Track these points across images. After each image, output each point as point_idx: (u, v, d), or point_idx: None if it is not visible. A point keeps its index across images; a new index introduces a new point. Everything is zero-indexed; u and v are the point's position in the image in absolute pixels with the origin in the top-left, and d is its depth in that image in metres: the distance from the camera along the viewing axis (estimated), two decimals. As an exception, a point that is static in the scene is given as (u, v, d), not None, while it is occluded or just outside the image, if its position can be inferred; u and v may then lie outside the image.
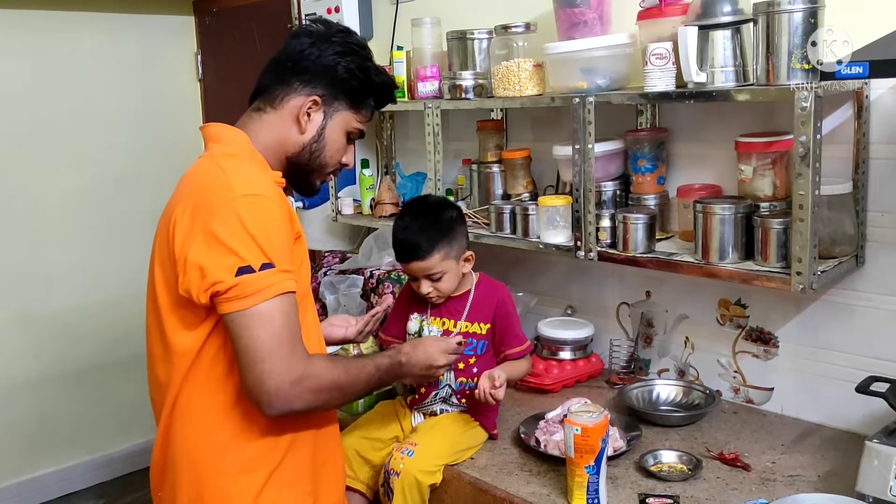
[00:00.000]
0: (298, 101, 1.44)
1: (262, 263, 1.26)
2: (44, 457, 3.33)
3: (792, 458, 1.73)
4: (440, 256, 1.82)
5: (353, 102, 1.48)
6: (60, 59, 3.26)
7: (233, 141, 1.41)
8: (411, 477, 1.69)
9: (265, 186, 1.33)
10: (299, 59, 1.44)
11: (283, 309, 1.28)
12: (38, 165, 3.22)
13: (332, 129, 1.47)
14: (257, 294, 1.25)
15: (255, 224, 1.26)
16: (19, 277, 3.22)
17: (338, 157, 1.51)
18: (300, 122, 1.44)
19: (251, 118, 1.46)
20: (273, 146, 1.44)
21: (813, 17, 1.57)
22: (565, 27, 1.98)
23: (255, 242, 1.25)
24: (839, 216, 1.72)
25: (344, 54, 1.45)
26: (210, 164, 1.36)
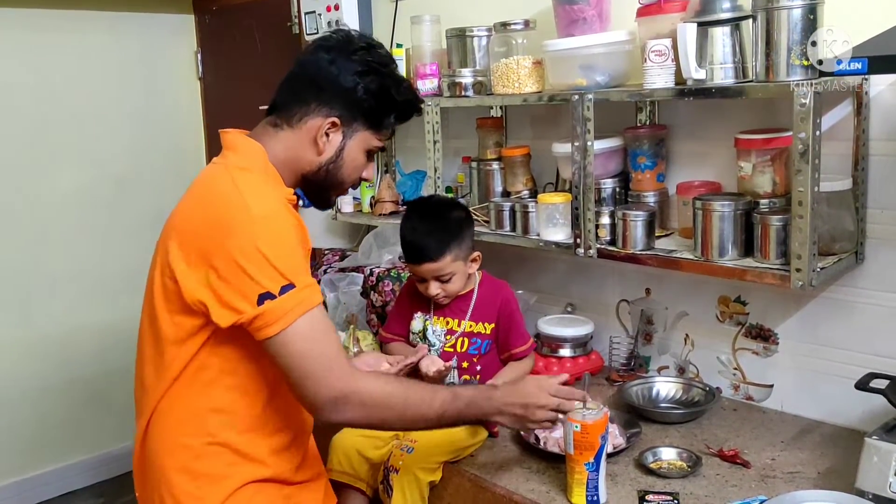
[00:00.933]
0: (316, 122, 1.40)
1: (282, 287, 1.26)
2: (44, 456, 3.33)
3: (791, 454, 1.73)
4: (451, 258, 1.82)
5: (373, 123, 1.45)
6: (60, 57, 3.25)
7: (248, 153, 1.39)
8: (411, 474, 1.69)
9: (279, 205, 1.32)
10: (317, 77, 1.41)
11: (313, 327, 1.28)
12: (37, 165, 3.22)
13: (350, 150, 1.44)
14: (282, 320, 1.25)
15: (271, 247, 1.26)
16: (20, 277, 3.22)
17: (356, 175, 1.49)
18: (318, 143, 1.41)
19: (267, 132, 1.43)
20: (288, 163, 1.42)
21: (812, 14, 1.57)
22: (564, 24, 1.98)
23: (273, 266, 1.25)
24: (839, 213, 1.71)
25: (364, 74, 1.40)
26: (223, 176, 1.35)
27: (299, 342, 1.27)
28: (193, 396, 1.36)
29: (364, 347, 2.30)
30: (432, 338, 1.90)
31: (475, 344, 1.88)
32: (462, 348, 1.89)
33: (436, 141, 2.29)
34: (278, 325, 1.25)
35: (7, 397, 3.22)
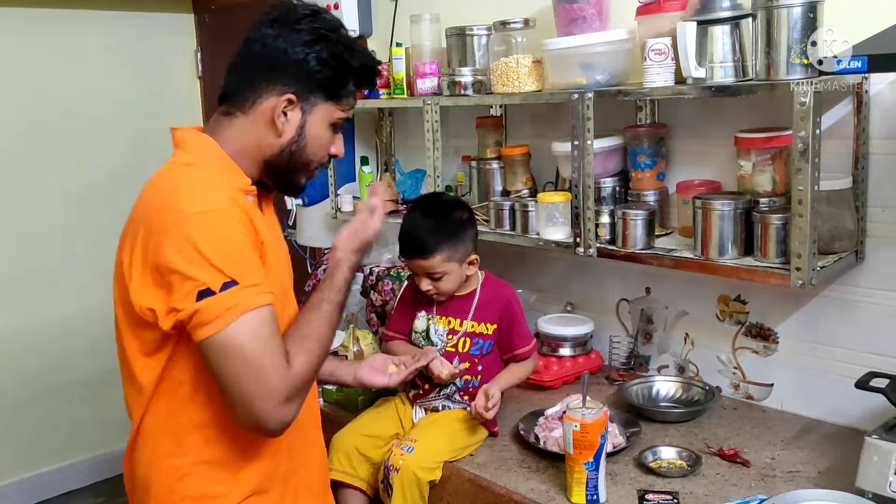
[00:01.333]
0: (271, 102, 1.31)
1: (224, 283, 1.17)
2: (44, 455, 3.34)
3: (791, 454, 1.73)
4: (442, 258, 1.82)
5: (332, 93, 1.35)
6: (59, 57, 3.25)
7: (197, 148, 1.32)
8: (410, 473, 1.69)
9: (218, 200, 1.23)
10: (264, 55, 1.31)
11: (256, 327, 1.19)
12: (36, 163, 3.22)
13: (312, 126, 1.35)
14: (222, 317, 1.16)
15: (208, 243, 1.18)
16: (20, 276, 3.23)
17: (322, 152, 1.39)
18: (276, 124, 1.32)
19: (220, 123, 1.34)
20: (248, 151, 1.33)
21: (812, 13, 1.57)
22: (564, 23, 1.98)
23: (210, 263, 1.17)
24: (839, 212, 1.71)
25: (313, 43, 1.30)
26: (167, 177, 1.29)
27: (240, 341, 1.17)
28: (174, 415, 1.29)
29: (363, 347, 2.30)
30: (435, 337, 1.90)
31: (477, 344, 1.88)
32: (464, 349, 1.89)
33: (435, 140, 2.29)
34: (217, 322, 1.16)
35: (6, 396, 3.22)
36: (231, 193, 1.26)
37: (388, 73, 2.47)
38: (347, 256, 1.41)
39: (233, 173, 1.31)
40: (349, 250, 1.41)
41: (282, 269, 1.38)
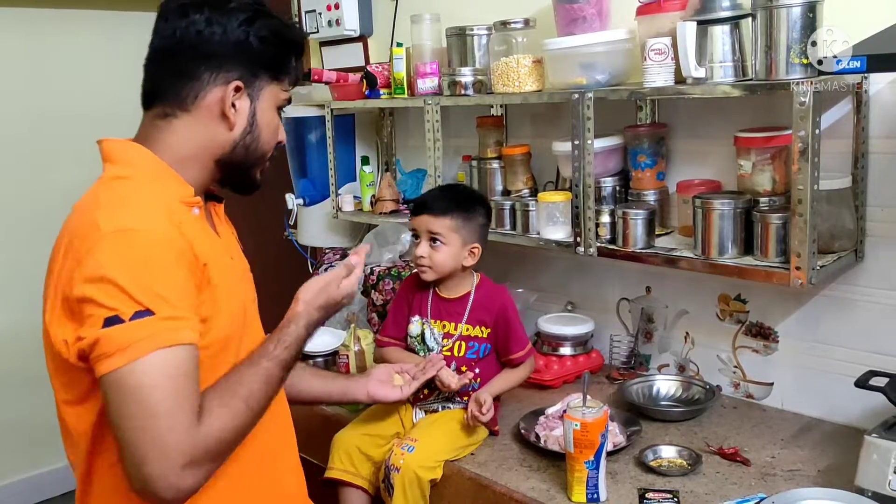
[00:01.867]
0: (217, 93, 1.18)
1: (136, 311, 1.00)
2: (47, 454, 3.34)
3: (791, 452, 1.73)
4: (449, 222, 1.84)
5: (275, 73, 1.24)
6: (59, 57, 3.26)
7: (126, 159, 1.17)
8: (411, 472, 1.69)
9: (142, 216, 1.07)
10: (199, 43, 1.17)
11: (165, 369, 1.01)
12: (38, 164, 3.23)
13: (263, 112, 1.24)
14: (127, 350, 0.99)
15: (122, 265, 1.02)
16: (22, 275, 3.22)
17: (274, 141, 1.28)
18: (227, 116, 1.19)
19: (157, 127, 1.20)
20: (194, 154, 1.20)
21: (812, 13, 1.57)
22: (564, 23, 1.98)
23: (122, 288, 1.00)
24: (838, 211, 1.72)
25: (250, 21, 1.19)
26: (90, 194, 1.15)
27: (143, 382, 0.99)
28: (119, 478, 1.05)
29: (364, 346, 2.31)
30: (430, 341, 1.90)
31: (472, 348, 1.89)
32: (459, 352, 1.89)
33: (436, 140, 2.29)
34: (120, 356, 0.99)
35: (10, 395, 3.22)
36: (166, 208, 1.12)
37: (388, 72, 2.47)
38: (307, 311, 1.26)
39: (171, 183, 1.17)
40: (312, 306, 1.27)
41: (235, 291, 1.22)
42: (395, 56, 2.43)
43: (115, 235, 1.04)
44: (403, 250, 2.53)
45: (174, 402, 1.01)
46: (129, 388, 0.99)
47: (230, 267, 1.23)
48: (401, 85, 2.43)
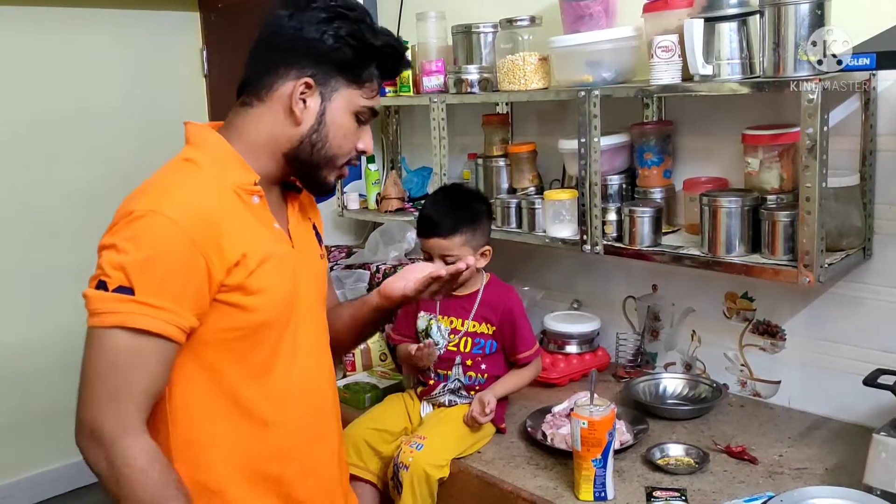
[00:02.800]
0: (287, 87, 1.22)
1: (119, 285, 1.08)
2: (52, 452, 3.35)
3: (799, 451, 1.73)
4: (461, 240, 1.83)
5: (353, 76, 1.24)
6: (66, 55, 3.26)
7: (198, 141, 1.24)
8: (420, 470, 1.69)
9: (178, 202, 1.13)
10: (279, 38, 1.23)
11: (117, 349, 1.09)
12: (43, 162, 3.23)
13: (333, 114, 1.24)
14: (96, 316, 1.09)
15: (134, 243, 1.09)
16: (28, 273, 3.24)
17: (348, 145, 1.28)
18: (294, 111, 1.22)
19: (236, 113, 1.27)
20: (263, 144, 1.24)
21: (819, 9, 1.57)
22: (570, 20, 1.98)
23: (121, 262, 1.08)
24: (846, 208, 1.71)
25: (329, 20, 1.21)
26: (159, 171, 1.23)
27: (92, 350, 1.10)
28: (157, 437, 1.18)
29: (369, 344, 2.31)
30: (436, 336, 1.91)
31: (479, 344, 1.89)
32: (466, 348, 1.90)
33: (441, 138, 2.29)
34: (91, 319, 1.09)
35: (15, 393, 3.23)
36: (220, 195, 1.18)
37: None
38: None
39: (235, 170, 1.22)
40: None
41: (283, 279, 1.25)
42: (401, 54, 2.43)
43: (139, 214, 1.10)
44: (409, 248, 2.53)
45: (101, 382, 1.10)
46: (87, 346, 1.10)
47: (285, 254, 1.25)
48: (406, 83, 2.43)
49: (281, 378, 1.26)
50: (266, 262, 1.20)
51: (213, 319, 1.17)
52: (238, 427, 1.23)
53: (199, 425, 1.21)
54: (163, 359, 1.13)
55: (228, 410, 1.22)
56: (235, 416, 1.23)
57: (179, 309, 1.11)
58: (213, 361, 1.20)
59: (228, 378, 1.21)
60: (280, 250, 1.25)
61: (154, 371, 1.12)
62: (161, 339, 1.11)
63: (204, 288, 1.14)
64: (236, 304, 1.18)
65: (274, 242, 1.24)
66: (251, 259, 1.18)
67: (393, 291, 1.46)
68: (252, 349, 1.22)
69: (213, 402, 1.21)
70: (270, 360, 1.24)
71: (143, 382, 1.12)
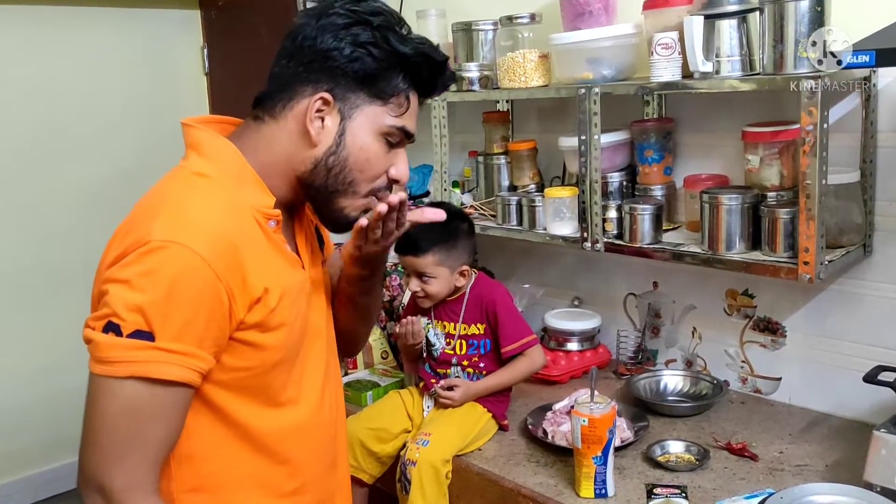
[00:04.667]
0: (303, 104, 1.08)
1: (136, 329, 0.94)
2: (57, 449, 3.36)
3: (800, 447, 1.73)
4: (433, 260, 1.84)
5: (376, 90, 1.08)
6: (67, 54, 3.26)
7: (213, 155, 1.09)
8: (428, 465, 1.70)
9: (199, 232, 0.99)
10: (297, 49, 1.09)
11: (133, 400, 0.96)
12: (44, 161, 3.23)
13: (354, 134, 1.08)
14: (108, 364, 0.95)
15: (148, 279, 0.95)
16: (30, 273, 3.24)
17: (373, 171, 1.11)
18: (309, 131, 1.08)
19: (248, 127, 1.13)
20: (277, 165, 1.10)
21: (819, 6, 1.56)
22: (570, 17, 1.98)
23: (136, 301, 0.95)
24: (847, 205, 1.71)
25: (348, 27, 1.06)
26: (164, 186, 1.08)
27: (106, 402, 0.96)
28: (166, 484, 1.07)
29: (371, 342, 2.31)
30: (434, 339, 1.93)
31: (473, 345, 1.91)
32: (461, 350, 1.92)
33: (442, 135, 2.29)
34: (101, 367, 0.96)
35: (18, 392, 3.24)
36: (240, 219, 1.05)
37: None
38: None
39: (252, 191, 1.08)
40: None
41: (300, 315, 1.14)
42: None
43: (161, 245, 0.97)
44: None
45: (111, 435, 0.97)
46: (94, 395, 0.98)
47: (299, 282, 1.14)
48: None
49: (290, 411, 1.15)
50: (285, 296, 1.08)
51: (227, 359, 1.04)
52: (250, 467, 1.12)
53: (208, 469, 1.10)
54: (180, 407, 1.01)
55: (239, 451, 1.11)
56: (247, 457, 1.11)
57: (200, 352, 0.99)
58: (222, 401, 1.07)
59: (238, 418, 1.09)
60: (295, 279, 1.13)
61: (171, 422, 1.00)
62: (180, 386, 0.98)
63: (225, 326, 1.02)
64: (252, 342, 1.06)
65: (289, 271, 1.12)
66: (272, 295, 1.06)
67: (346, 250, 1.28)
68: (264, 387, 1.11)
69: (222, 445, 1.09)
70: (280, 393, 1.13)
71: (160, 435, 0.99)
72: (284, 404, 1.14)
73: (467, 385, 1.86)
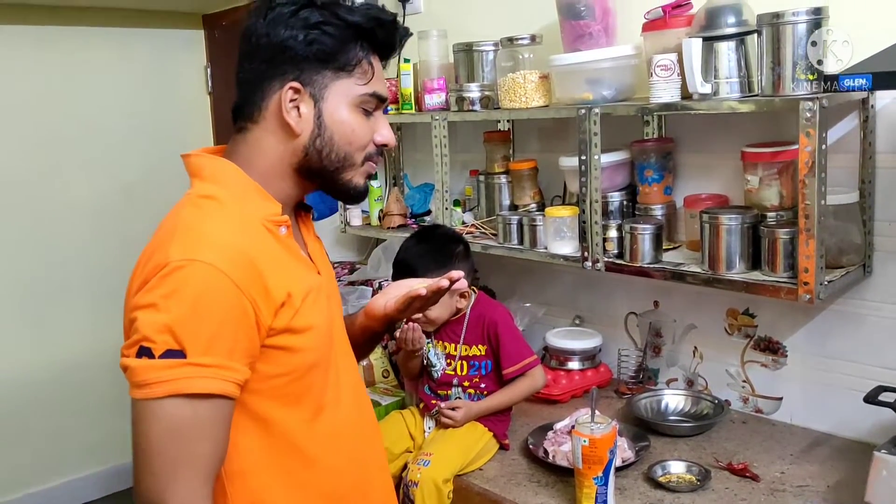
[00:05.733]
0: (275, 99, 1.11)
1: (167, 349, 0.96)
2: (57, 467, 3.36)
3: (801, 468, 1.73)
4: None
5: (339, 65, 1.11)
6: (73, 73, 3.29)
7: (215, 176, 1.12)
8: (430, 484, 1.70)
9: (216, 248, 1.02)
10: (253, 50, 1.12)
11: (175, 416, 0.97)
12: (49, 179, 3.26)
13: (331, 113, 1.12)
14: (145, 387, 0.97)
15: (172, 299, 0.98)
16: (34, 288, 3.26)
17: (360, 140, 1.14)
18: (288, 123, 1.11)
19: (236, 141, 1.15)
20: (272, 167, 1.13)
21: (817, 28, 1.58)
22: (571, 39, 1.99)
23: (165, 321, 0.97)
24: (846, 226, 1.72)
25: (296, 13, 1.09)
26: (174, 214, 1.10)
27: (148, 425, 0.98)
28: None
29: (372, 361, 2.32)
30: (434, 360, 1.93)
31: (474, 366, 1.91)
32: (462, 371, 1.92)
33: (443, 155, 2.31)
34: (139, 391, 0.98)
35: (21, 409, 3.24)
36: (252, 232, 1.08)
37: (396, 88, 2.49)
38: None
39: (258, 202, 1.11)
40: None
41: (322, 310, 1.16)
42: (403, 72, 2.45)
43: (180, 265, 0.99)
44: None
45: (160, 456, 0.98)
46: (138, 421, 0.99)
47: (318, 285, 1.15)
48: (408, 100, 2.45)
49: (330, 416, 1.16)
50: (307, 297, 1.10)
51: (262, 367, 1.06)
52: (300, 477, 1.13)
53: (259, 483, 1.10)
54: (222, 420, 1.02)
55: (289, 462, 1.12)
56: (297, 467, 1.13)
57: (232, 363, 1.01)
58: (265, 412, 1.09)
59: (283, 427, 1.11)
60: (314, 281, 1.15)
61: (216, 435, 1.02)
62: (219, 399, 1.00)
63: (254, 335, 1.04)
64: (285, 346, 1.08)
65: (307, 274, 1.15)
66: (296, 297, 1.08)
67: (375, 310, 1.38)
68: (305, 392, 1.13)
69: (270, 457, 1.11)
70: (320, 399, 1.15)
71: (207, 450, 1.01)
72: (324, 409, 1.15)
73: (469, 406, 1.86)
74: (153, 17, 3.47)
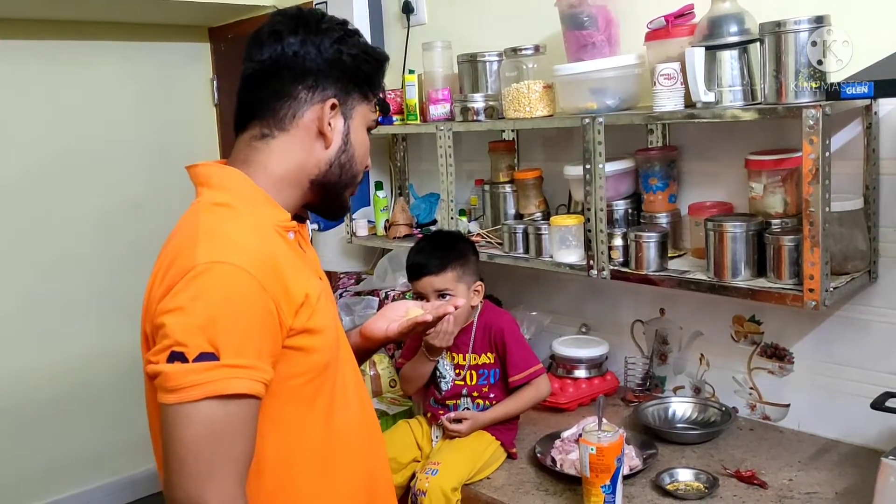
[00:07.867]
0: (315, 111, 1.18)
1: (201, 353, 0.98)
2: (66, 479, 3.36)
3: (809, 475, 1.72)
4: (452, 276, 1.85)
5: (366, 92, 1.25)
6: (80, 86, 3.32)
7: (225, 185, 1.16)
8: (438, 492, 1.71)
9: (241, 250, 1.05)
10: (296, 63, 1.18)
11: (212, 421, 0.99)
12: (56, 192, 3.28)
13: (355, 131, 1.24)
14: (180, 391, 0.98)
15: (200, 301, 1.00)
16: (40, 302, 3.27)
17: (367, 161, 1.27)
18: (325, 134, 1.19)
19: (254, 148, 1.19)
20: (288, 174, 1.19)
21: (819, 37, 1.59)
22: (574, 49, 2.01)
23: (196, 323, 0.99)
24: (851, 232, 1.72)
25: (342, 40, 1.20)
26: (188, 222, 1.13)
27: (183, 426, 0.98)
28: None
29: (380, 371, 2.32)
30: (443, 370, 1.94)
31: (483, 375, 1.92)
32: (471, 381, 1.93)
33: (449, 165, 2.32)
34: (173, 396, 0.98)
35: (27, 422, 3.25)
36: (268, 235, 1.12)
37: (401, 99, 2.51)
38: None
39: (268, 209, 1.16)
40: None
41: (330, 312, 1.21)
42: (408, 83, 2.47)
43: (206, 267, 1.02)
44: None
45: (196, 458, 0.99)
46: (172, 425, 0.99)
47: (323, 288, 1.20)
48: (413, 111, 2.46)
49: (340, 417, 1.19)
50: (320, 299, 1.15)
51: (280, 368, 1.08)
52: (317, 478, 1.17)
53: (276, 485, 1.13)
54: (252, 419, 1.04)
55: (308, 463, 1.15)
56: (314, 468, 1.16)
57: (260, 363, 1.03)
58: (284, 414, 1.12)
59: (301, 428, 1.14)
60: (320, 284, 1.20)
61: (247, 434, 1.04)
62: (250, 398, 1.02)
63: (277, 335, 1.07)
64: (302, 347, 1.11)
65: (314, 278, 1.19)
66: (312, 298, 1.12)
67: (374, 332, 1.43)
68: (318, 393, 1.15)
69: (288, 456, 1.13)
70: (331, 400, 1.18)
71: (240, 450, 1.03)
72: (335, 410, 1.18)
73: (475, 417, 1.87)
74: (159, 31, 3.50)
